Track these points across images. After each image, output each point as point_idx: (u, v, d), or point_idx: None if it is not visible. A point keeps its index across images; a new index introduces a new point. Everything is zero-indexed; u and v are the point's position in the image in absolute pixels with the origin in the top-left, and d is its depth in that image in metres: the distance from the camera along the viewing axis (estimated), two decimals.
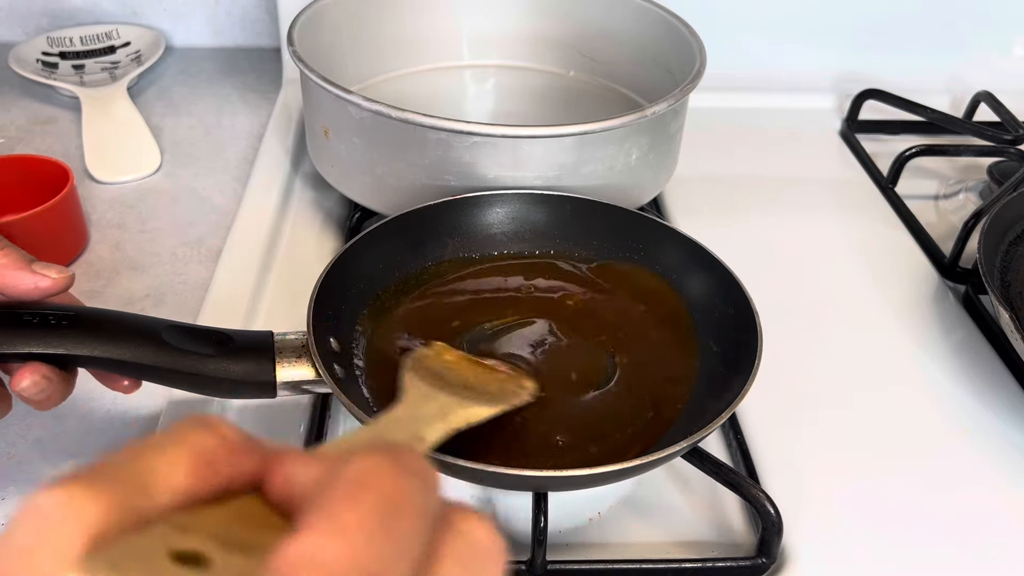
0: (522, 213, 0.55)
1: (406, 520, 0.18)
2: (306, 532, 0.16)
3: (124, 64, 0.86)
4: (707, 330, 0.50)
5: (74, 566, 0.16)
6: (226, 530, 0.18)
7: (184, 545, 0.16)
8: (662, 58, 0.68)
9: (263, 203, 0.66)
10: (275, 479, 0.19)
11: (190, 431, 0.19)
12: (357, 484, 0.17)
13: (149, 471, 0.18)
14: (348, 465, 0.18)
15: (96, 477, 0.17)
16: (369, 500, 0.17)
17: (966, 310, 0.60)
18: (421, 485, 0.18)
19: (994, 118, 0.76)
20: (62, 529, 0.16)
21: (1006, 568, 0.43)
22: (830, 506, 0.45)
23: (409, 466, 0.18)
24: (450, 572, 0.18)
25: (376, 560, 0.17)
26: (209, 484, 0.19)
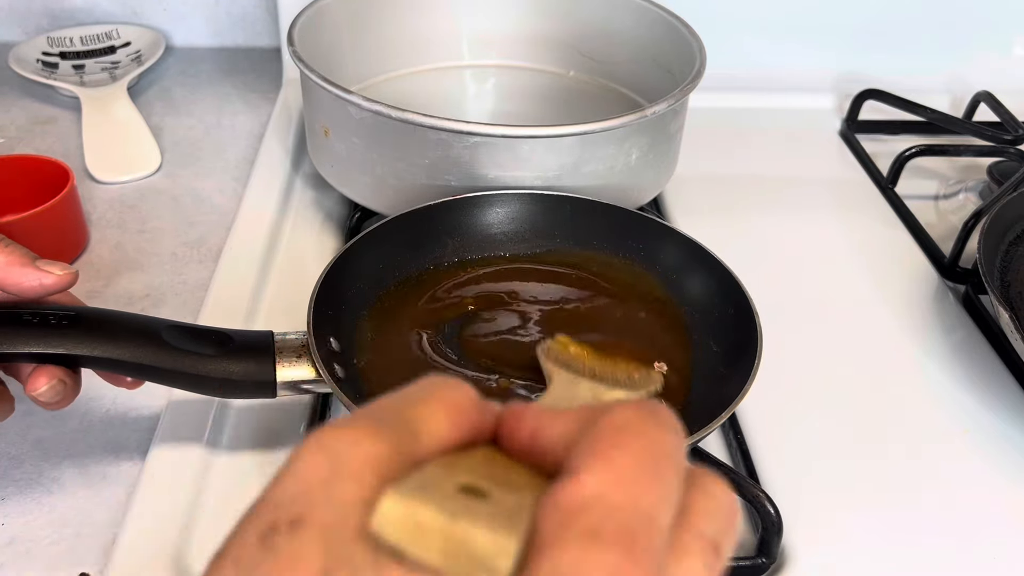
0: (522, 213, 0.55)
1: (668, 467, 0.19)
2: (587, 474, 0.18)
3: (124, 64, 0.86)
4: (707, 330, 0.50)
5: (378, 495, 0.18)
6: (486, 470, 0.19)
7: (463, 480, 0.18)
8: (662, 58, 0.68)
9: (263, 203, 0.66)
10: (521, 431, 0.20)
11: (441, 386, 0.21)
12: (626, 432, 0.19)
13: (416, 419, 0.20)
14: (609, 415, 0.19)
15: (374, 422, 0.19)
16: (640, 446, 0.18)
17: (966, 310, 0.60)
18: (676, 436, 0.19)
19: (994, 118, 0.76)
20: (354, 465, 0.18)
21: (1006, 568, 0.43)
22: (830, 506, 0.45)
23: (664, 418, 0.20)
24: (701, 524, 0.19)
25: (651, 502, 0.18)
26: (462, 433, 0.20)
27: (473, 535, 0.17)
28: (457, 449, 0.20)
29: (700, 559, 0.19)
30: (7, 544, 0.42)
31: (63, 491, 0.45)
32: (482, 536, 0.17)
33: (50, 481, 0.45)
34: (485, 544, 0.17)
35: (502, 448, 0.21)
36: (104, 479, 0.46)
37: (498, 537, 0.17)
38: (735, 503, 0.21)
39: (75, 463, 0.46)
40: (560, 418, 0.20)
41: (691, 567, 0.19)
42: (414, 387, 0.21)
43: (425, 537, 0.17)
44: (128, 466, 0.46)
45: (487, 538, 0.17)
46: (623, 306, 0.52)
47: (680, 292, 0.52)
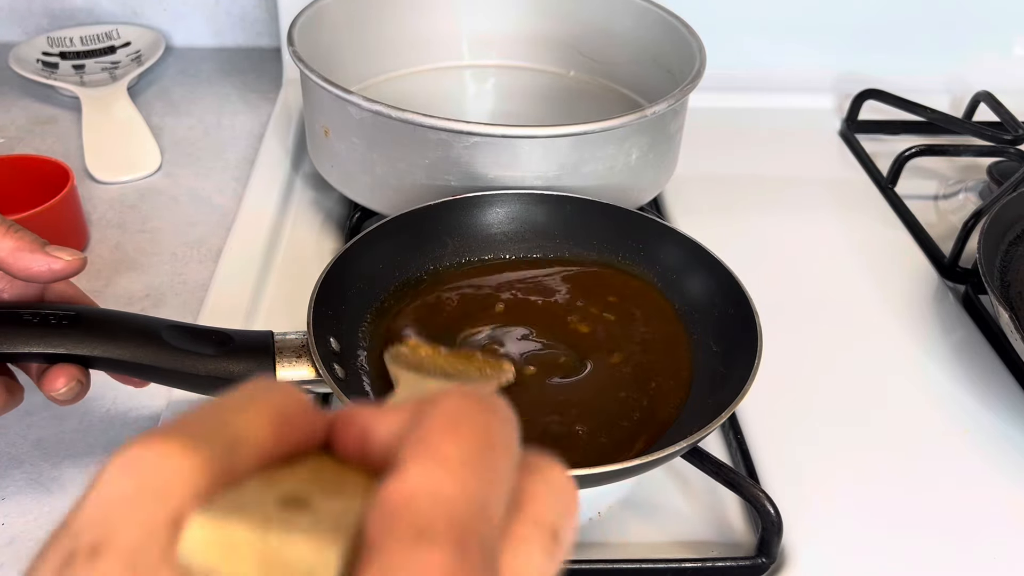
0: (522, 213, 0.55)
1: (499, 455, 0.18)
2: (412, 466, 0.17)
3: (124, 64, 0.86)
4: (707, 330, 0.50)
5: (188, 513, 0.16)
6: (312, 480, 0.18)
7: (283, 492, 0.17)
8: (662, 58, 0.68)
9: (263, 203, 0.66)
10: (349, 434, 0.19)
11: (264, 391, 0.19)
12: (452, 420, 0.18)
13: (235, 429, 0.18)
14: (436, 406, 0.18)
15: (186, 434, 0.17)
16: (468, 435, 0.18)
17: (966, 310, 0.60)
18: (505, 421, 0.19)
19: (994, 118, 0.76)
20: (162, 481, 0.17)
21: (1006, 568, 0.43)
22: (830, 506, 0.45)
23: (493, 404, 0.19)
24: (538, 511, 0.19)
25: (482, 492, 0.17)
26: (288, 442, 0.19)
27: (290, 548, 0.16)
28: (284, 460, 0.19)
29: (538, 546, 0.18)
30: (7, 544, 0.42)
31: (63, 491, 0.45)
32: (299, 547, 0.16)
33: (50, 481, 0.45)
34: (303, 555, 0.16)
35: (335, 456, 0.20)
36: None
37: (318, 546, 0.16)
38: (573, 487, 0.20)
39: (75, 463, 0.46)
40: (390, 414, 0.19)
41: (529, 556, 0.18)
42: (236, 393, 0.19)
43: (238, 557, 0.16)
44: None
45: (305, 548, 0.16)
46: (623, 306, 0.52)
47: (680, 292, 0.52)
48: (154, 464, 0.17)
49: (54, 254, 0.39)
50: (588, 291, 0.53)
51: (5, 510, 0.44)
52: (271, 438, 0.18)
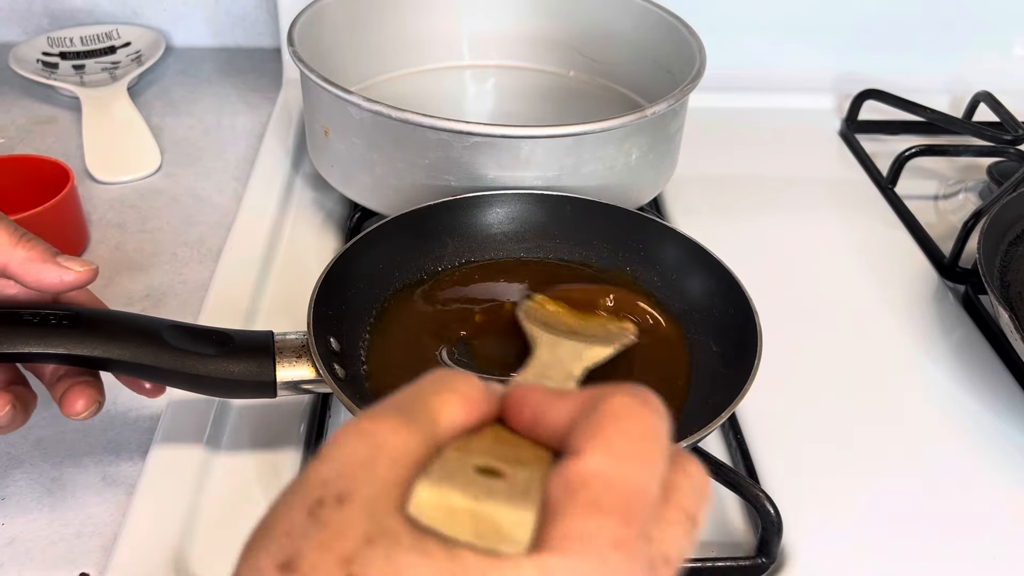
0: (522, 213, 0.55)
1: (656, 448, 0.21)
2: (589, 454, 0.21)
3: (124, 64, 0.86)
4: (707, 330, 0.50)
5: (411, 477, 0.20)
6: (496, 450, 0.22)
7: (478, 462, 0.21)
8: (662, 58, 0.68)
9: (263, 203, 0.66)
10: (523, 413, 0.23)
11: (452, 379, 0.23)
12: (621, 417, 0.21)
13: (435, 409, 0.22)
14: (607, 402, 0.22)
15: (403, 413, 0.22)
16: (633, 430, 0.21)
17: (966, 310, 0.60)
18: (663, 420, 0.22)
19: (994, 118, 0.76)
20: (392, 451, 0.21)
21: (1006, 568, 0.43)
22: (830, 506, 0.45)
23: (653, 404, 0.22)
24: (682, 500, 0.22)
25: (642, 477, 0.21)
26: (474, 419, 0.23)
27: (497, 513, 0.20)
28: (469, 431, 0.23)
29: (682, 529, 0.22)
30: (7, 544, 0.42)
31: (63, 491, 0.45)
32: (504, 513, 0.20)
33: (50, 481, 0.45)
34: (507, 520, 0.20)
35: (507, 426, 0.23)
36: (104, 479, 0.46)
37: (517, 512, 0.20)
38: (708, 481, 0.24)
39: (75, 463, 0.46)
40: (559, 402, 0.23)
41: (674, 535, 0.22)
42: (428, 381, 0.23)
43: (457, 519, 0.19)
44: (128, 466, 0.46)
45: (508, 514, 0.20)
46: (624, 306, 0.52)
47: (680, 292, 0.52)
48: (385, 436, 0.21)
49: (65, 265, 0.39)
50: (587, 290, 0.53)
51: (5, 510, 0.44)
52: (463, 415, 0.23)
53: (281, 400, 0.43)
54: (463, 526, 0.19)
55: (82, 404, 0.39)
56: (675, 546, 0.22)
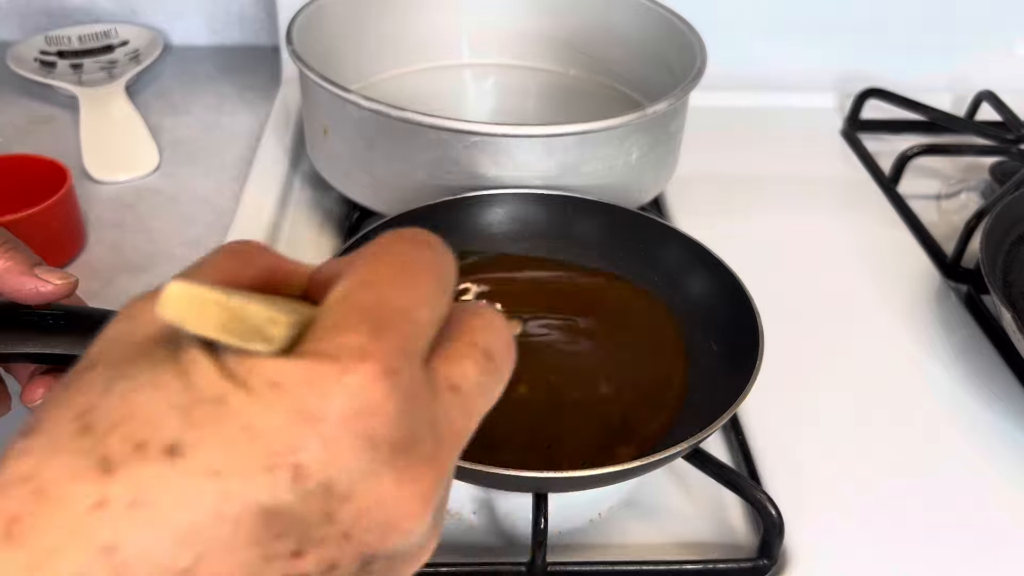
0: (522, 213, 0.55)
1: (423, 276, 0.21)
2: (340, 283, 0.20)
3: (122, 63, 0.85)
4: (708, 330, 0.49)
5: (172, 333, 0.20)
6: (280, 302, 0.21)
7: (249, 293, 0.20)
8: (663, 57, 0.68)
9: (262, 202, 0.65)
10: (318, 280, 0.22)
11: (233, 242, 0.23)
12: (384, 247, 0.21)
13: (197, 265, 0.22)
14: (375, 240, 0.22)
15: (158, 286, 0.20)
16: (391, 258, 0.21)
17: (968, 310, 0.59)
18: (433, 251, 0.22)
19: (996, 118, 0.75)
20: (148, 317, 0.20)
21: (1006, 568, 0.43)
22: (832, 507, 0.45)
23: (423, 237, 0.22)
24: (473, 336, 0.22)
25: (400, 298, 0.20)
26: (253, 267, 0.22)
27: (249, 308, 0.19)
28: None
29: (472, 362, 0.21)
30: None
31: None
32: (257, 309, 0.19)
33: None
34: (259, 315, 0.19)
35: None
36: None
37: (272, 311, 0.19)
38: (507, 328, 0.23)
39: None
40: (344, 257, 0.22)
41: (464, 369, 0.21)
42: None
43: (203, 311, 0.18)
44: None
45: (261, 310, 0.19)
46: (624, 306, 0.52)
47: (681, 292, 0.52)
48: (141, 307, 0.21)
49: (43, 276, 0.38)
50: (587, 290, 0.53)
51: None
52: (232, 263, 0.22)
53: None
54: (209, 320, 0.18)
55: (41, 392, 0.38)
56: (464, 377, 0.21)
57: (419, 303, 0.20)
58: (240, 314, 0.18)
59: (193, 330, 0.18)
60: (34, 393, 0.38)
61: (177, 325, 0.18)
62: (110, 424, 0.18)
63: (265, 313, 0.19)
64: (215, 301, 0.18)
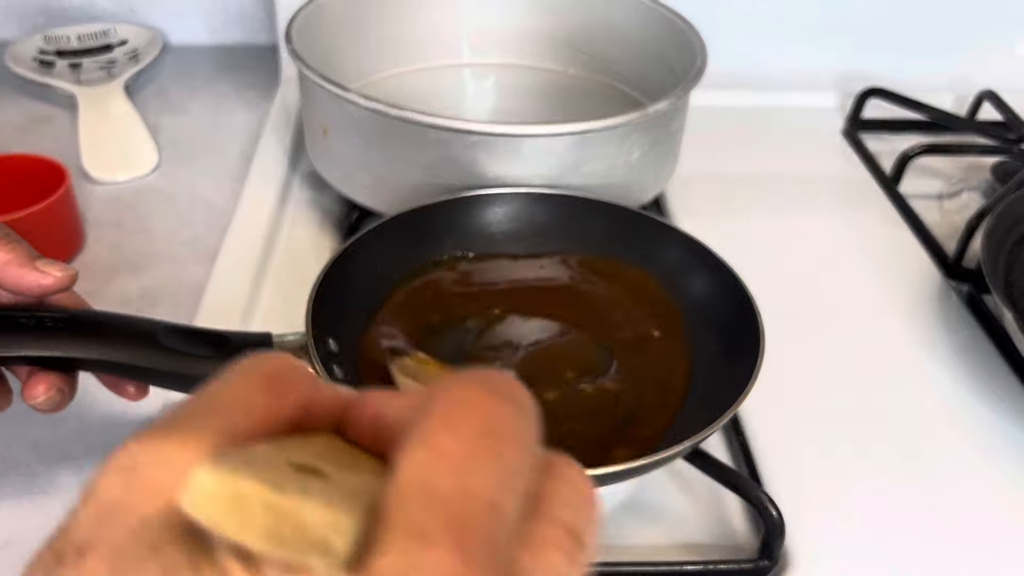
0: (522, 212, 0.55)
1: (509, 447, 0.16)
2: (409, 458, 0.16)
3: (121, 62, 0.85)
4: (709, 330, 0.49)
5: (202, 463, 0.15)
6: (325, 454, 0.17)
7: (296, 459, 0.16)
8: (663, 56, 0.67)
9: (261, 202, 0.65)
10: (362, 417, 0.19)
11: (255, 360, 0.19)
12: (458, 408, 0.16)
13: (225, 400, 0.18)
14: (443, 389, 0.17)
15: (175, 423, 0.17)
16: (474, 425, 0.16)
17: (969, 310, 0.59)
18: (519, 411, 0.17)
19: (998, 117, 0.75)
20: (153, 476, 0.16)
21: (1006, 568, 0.43)
22: (833, 508, 0.45)
23: (507, 391, 0.17)
24: (559, 512, 0.17)
25: (487, 487, 0.16)
26: (287, 403, 0.18)
27: (304, 509, 0.14)
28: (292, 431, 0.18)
29: (558, 549, 0.17)
30: (3, 546, 0.42)
31: (59, 493, 0.45)
32: (316, 511, 0.14)
33: (46, 483, 0.45)
34: (318, 519, 0.14)
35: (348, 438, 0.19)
36: None
37: (335, 513, 0.14)
38: (594, 492, 0.19)
39: (71, 465, 0.46)
40: (401, 399, 0.18)
41: (550, 560, 0.17)
42: (231, 368, 0.19)
43: (245, 513, 0.14)
44: None
45: (322, 513, 0.14)
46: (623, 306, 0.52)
47: (681, 291, 0.52)
48: (143, 460, 0.16)
49: (44, 269, 0.38)
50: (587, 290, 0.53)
51: (1, 513, 0.43)
52: (264, 398, 0.18)
53: None
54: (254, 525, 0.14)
55: (42, 388, 0.38)
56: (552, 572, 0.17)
57: (506, 487, 0.16)
58: (294, 518, 0.14)
59: (231, 536, 0.14)
60: (35, 389, 0.38)
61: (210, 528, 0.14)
62: None
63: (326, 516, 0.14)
64: (261, 500, 0.14)
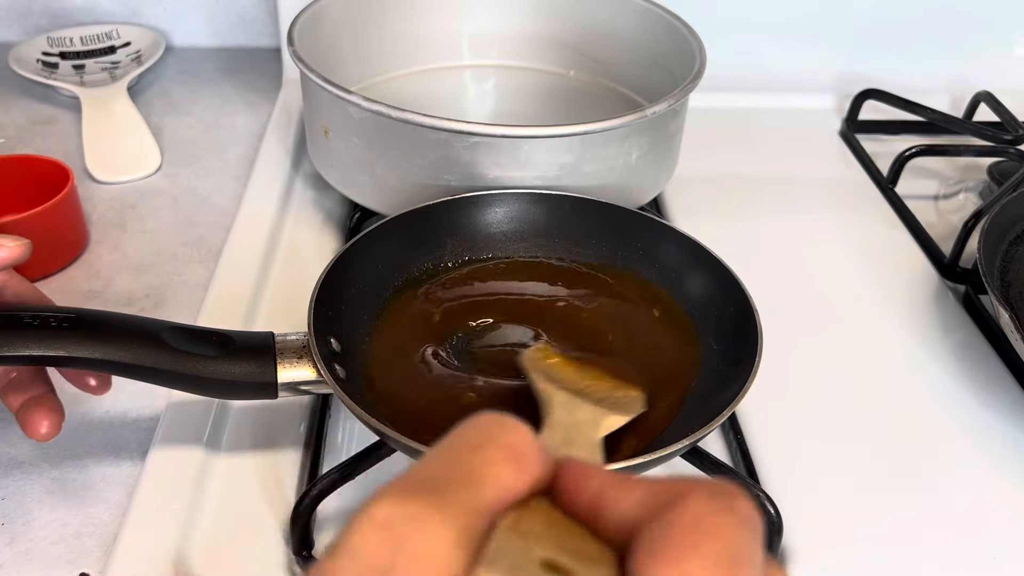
0: (522, 213, 0.55)
1: (747, 571, 0.17)
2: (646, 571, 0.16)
3: (124, 64, 0.86)
4: (707, 329, 0.49)
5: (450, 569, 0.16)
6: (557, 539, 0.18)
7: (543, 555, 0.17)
8: (662, 58, 0.68)
9: (263, 203, 0.66)
10: (581, 495, 0.19)
11: (497, 428, 0.19)
12: (700, 531, 0.17)
13: (477, 471, 0.18)
14: (683, 507, 0.17)
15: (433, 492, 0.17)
16: (717, 551, 0.17)
17: (966, 310, 0.60)
18: (754, 536, 0.18)
19: (994, 118, 0.76)
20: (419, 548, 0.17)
21: (1006, 568, 0.43)
22: (830, 506, 0.45)
23: (743, 512, 0.18)
24: None
25: None
26: (526, 484, 0.19)
27: None
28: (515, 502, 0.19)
29: None
30: (7, 544, 0.42)
31: (63, 491, 0.45)
32: None
33: (50, 481, 0.45)
34: None
35: (557, 502, 0.20)
36: (104, 479, 0.46)
37: None
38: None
39: (75, 463, 0.46)
40: (624, 492, 0.19)
41: None
42: (465, 431, 0.19)
43: None
44: (128, 467, 0.46)
45: None
46: (623, 306, 0.52)
47: (680, 291, 0.52)
48: (409, 529, 0.17)
49: None
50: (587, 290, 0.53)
51: (4, 510, 0.44)
52: (511, 475, 0.18)
53: (281, 400, 0.43)
54: None
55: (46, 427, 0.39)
56: None
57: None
58: None
59: None
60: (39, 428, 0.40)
61: None
62: None
63: None
64: None
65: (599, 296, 0.53)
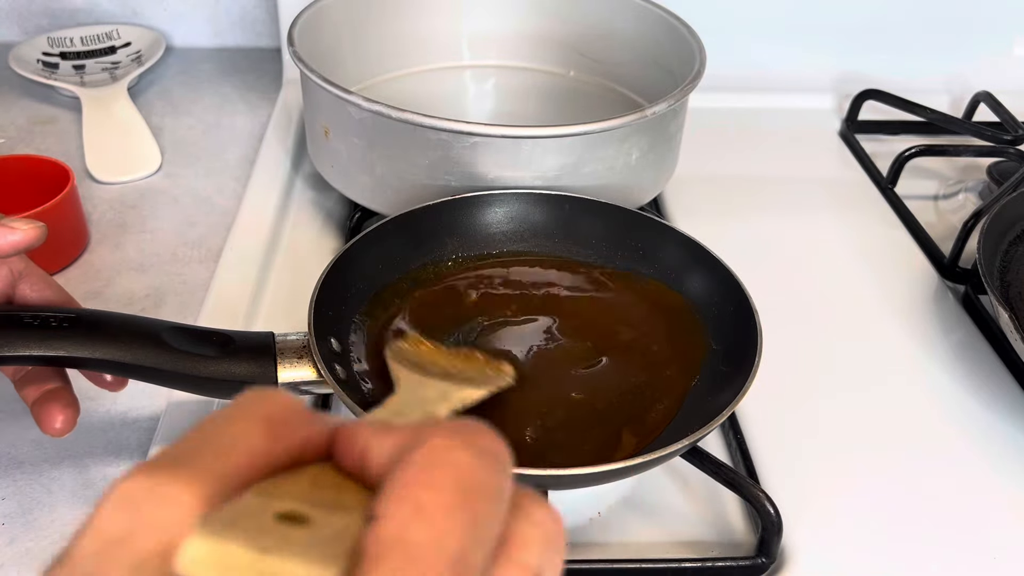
0: (522, 213, 0.55)
1: (481, 500, 0.18)
2: (389, 513, 0.17)
3: (124, 64, 0.86)
4: (707, 329, 0.50)
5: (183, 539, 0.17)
6: (311, 494, 0.18)
7: (282, 507, 0.17)
8: (662, 58, 0.68)
9: (263, 203, 0.66)
10: (351, 450, 0.20)
11: (254, 398, 0.20)
12: (435, 465, 0.18)
13: (225, 439, 0.19)
14: (422, 442, 0.18)
15: (176, 458, 0.18)
16: (449, 481, 0.17)
17: (965, 310, 0.60)
18: (495, 464, 0.18)
19: (993, 118, 0.76)
20: (155, 515, 0.17)
21: (1006, 568, 0.43)
22: (830, 506, 0.45)
23: (481, 444, 0.18)
24: (524, 555, 0.19)
25: (459, 541, 0.17)
26: (283, 445, 0.19)
27: (286, 569, 0.16)
28: (286, 468, 0.19)
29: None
30: (7, 544, 0.42)
31: (63, 491, 0.45)
32: (296, 568, 0.16)
33: (50, 481, 0.45)
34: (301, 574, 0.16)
35: (337, 466, 0.20)
36: (104, 480, 0.46)
37: (315, 568, 0.16)
38: (560, 526, 0.20)
39: (75, 463, 0.46)
40: (387, 437, 0.19)
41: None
42: (227, 406, 0.20)
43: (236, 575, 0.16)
44: (128, 467, 0.46)
45: (303, 570, 0.16)
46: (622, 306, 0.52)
47: (680, 291, 0.52)
48: (145, 497, 0.17)
49: (10, 225, 0.39)
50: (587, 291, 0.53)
51: (5, 510, 0.44)
52: (263, 442, 0.19)
53: None
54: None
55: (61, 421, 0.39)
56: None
57: (477, 542, 0.17)
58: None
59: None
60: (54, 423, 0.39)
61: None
62: None
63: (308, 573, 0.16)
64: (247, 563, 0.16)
65: (598, 296, 0.53)
